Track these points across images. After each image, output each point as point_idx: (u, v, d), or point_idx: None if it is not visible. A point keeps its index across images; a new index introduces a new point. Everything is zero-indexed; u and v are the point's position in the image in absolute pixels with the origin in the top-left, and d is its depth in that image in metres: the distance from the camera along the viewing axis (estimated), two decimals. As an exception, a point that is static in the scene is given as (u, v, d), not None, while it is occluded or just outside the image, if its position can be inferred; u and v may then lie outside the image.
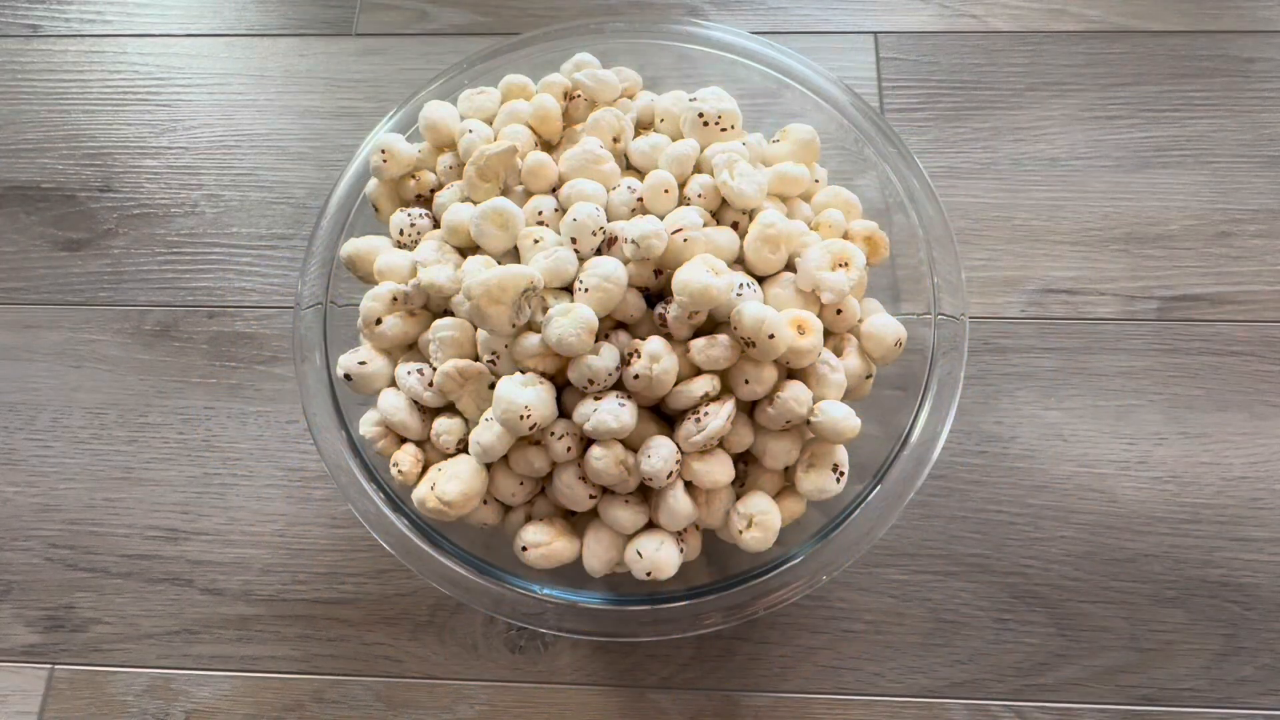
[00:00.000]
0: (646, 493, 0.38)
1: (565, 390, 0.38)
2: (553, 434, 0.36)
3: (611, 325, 0.38)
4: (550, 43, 0.46)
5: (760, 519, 0.37)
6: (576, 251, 0.38)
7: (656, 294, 0.39)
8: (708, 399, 0.36)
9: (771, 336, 0.35)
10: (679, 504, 0.37)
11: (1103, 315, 0.53)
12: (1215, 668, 0.46)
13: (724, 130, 0.41)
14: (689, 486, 0.37)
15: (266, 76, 0.63)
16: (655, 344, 0.36)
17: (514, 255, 0.39)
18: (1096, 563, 0.48)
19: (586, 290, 0.36)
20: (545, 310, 0.36)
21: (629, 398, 0.36)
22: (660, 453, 0.36)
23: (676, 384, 0.36)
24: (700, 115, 0.41)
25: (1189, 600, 0.47)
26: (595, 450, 0.36)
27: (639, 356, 0.36)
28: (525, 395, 0.35)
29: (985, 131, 0.58)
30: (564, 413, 0.37)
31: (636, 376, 0.36)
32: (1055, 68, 0.60)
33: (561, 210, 0.40)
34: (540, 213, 0.40)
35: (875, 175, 0.44)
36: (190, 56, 0.64)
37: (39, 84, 0.64)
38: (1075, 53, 0.60)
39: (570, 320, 0.35)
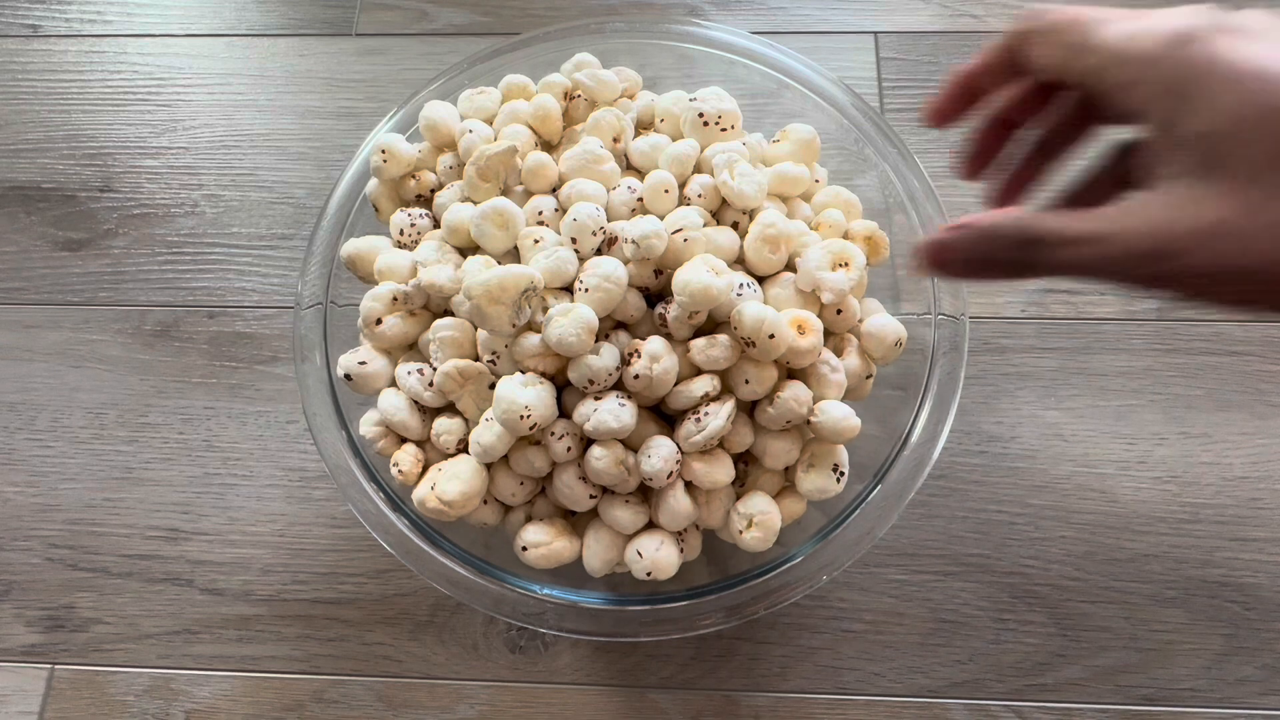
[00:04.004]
0: (646, 492, 0.38)
1: (565, 390, 0.38)
2: (553, 434, 0.36)
3: (611, 325, 0.38)
4: (550, 43, 0.46)
5: (760, 519, 0.37)
6: (576, 251, 0.38)
7: (657, 294, 0.39)
8: (708, 399, 0.36)
9: (772, 336, 0.35)
10: (679, 504, 0.37)
11: (1103, 315, 0.53)
12: (1215, 668, 0.46)
13: (724, 130, 0.41)
14: (689, 486, 0.37)
15: (266, 76, 0.63)
16: (655, 344, 0.36)
17: (514, 255, 0.39)
18: (1096, 563, 0.48)
19: (587, 290, 0.36)
20: (545, 310, 0.36)
21: (629, 398, 0.36)
22: (660, 453, 0.36)
23: (676, 384, 0.36)
24: (700, 115, 0.41)
25: (1189, 600, 0.47)
26: (595, 450, 0.36)
27: (639, 356, 0.36)
28: (526, 395, 0.35)
29: (985, 131, 0.58)
30: (564, 413, 0.37)
31: (637, 376, 0.36)
32: (1055, 68, 0.60)
33: (562, 210, 0.40)
34: (540, 213, 0.40)
35: (875, 175, 0.44)
36: (190, 56, 0.64)
37: (39, 84, 0.64)
38: (1075, 53, 0.60)
39: (570, 320, 0.35)
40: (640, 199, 0.40)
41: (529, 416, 0.35)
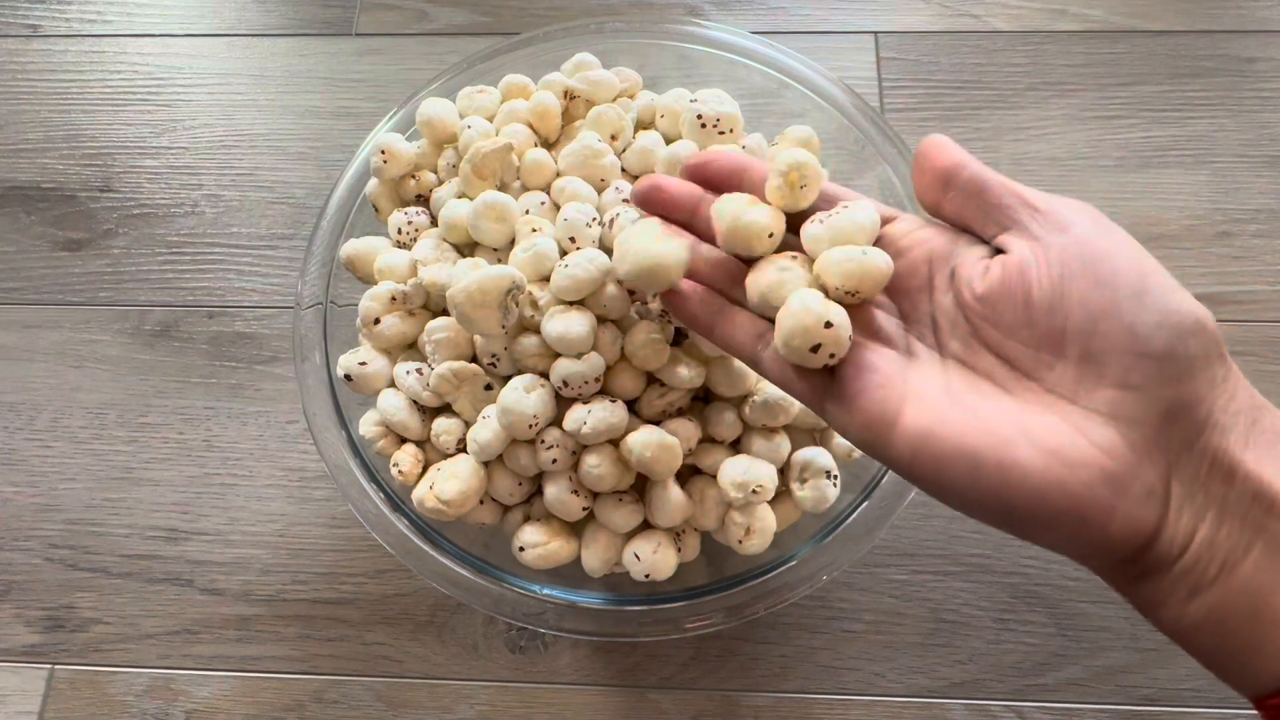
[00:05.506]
0: (641, 491, 0.38)
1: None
2: (542, 442, 0.36)
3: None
4: (550, 43, 0.46)
5: (757, 525, 0.37)
6: (566, 249, 0.38)
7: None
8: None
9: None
10: (672, 496, 0.36)
11: (1103, 315, 0.53)
12: (1215, 668, 0.46)
13: (722, 134, 0.41)
14: (680, 480, 0.37)
15: (266, 76, 0.63)
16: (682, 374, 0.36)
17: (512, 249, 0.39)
18: (1096, 563, 0.48)
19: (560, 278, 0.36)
20: (535, 305, 0.36)
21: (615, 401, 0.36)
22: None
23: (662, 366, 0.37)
24: (699, 117, 0.40)
25: (1189, 600, 0.47)
26: (590, 459, 0.36)
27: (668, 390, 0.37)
28: (530, 403, 0.35)
29: (985, 131, 0.58)
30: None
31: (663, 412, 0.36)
32: (1055, 68, 0.60)
33: (554, 205, 0.40)
34: (527, 210, 0.40)
35: (875, 175, 0.44)
36: (190, 56, 0.64)
37: (39, 84, 0.64)
38: (1075, 53, 0.60)
39: (570, 320, 0.35)
40: (626, 200, 0.39)
41: (536, 425, 0.35)
